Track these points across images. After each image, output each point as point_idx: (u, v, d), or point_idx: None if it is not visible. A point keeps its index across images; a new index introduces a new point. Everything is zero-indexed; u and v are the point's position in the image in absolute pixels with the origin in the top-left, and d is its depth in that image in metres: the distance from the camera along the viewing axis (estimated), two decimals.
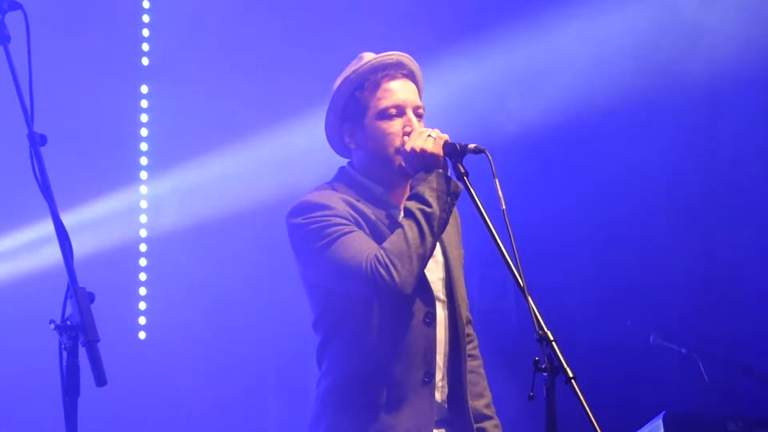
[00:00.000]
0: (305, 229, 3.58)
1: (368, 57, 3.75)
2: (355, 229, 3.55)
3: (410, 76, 3.76)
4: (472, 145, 3.42)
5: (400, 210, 3.66)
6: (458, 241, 3.85)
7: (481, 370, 3.89)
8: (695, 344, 6.40)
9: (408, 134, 3.64)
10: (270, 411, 6.77)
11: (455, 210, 3.81)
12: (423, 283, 3.59)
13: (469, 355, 3.83)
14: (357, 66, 3.74)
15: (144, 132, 6.87)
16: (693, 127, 7.12)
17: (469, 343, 3.85)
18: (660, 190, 7.20)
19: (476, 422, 3.78)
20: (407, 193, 3.67)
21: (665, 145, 7.14)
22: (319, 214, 3.57)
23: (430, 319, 3.61)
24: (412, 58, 3.80)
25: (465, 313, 3.80)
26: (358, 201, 3.66)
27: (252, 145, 6.74)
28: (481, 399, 3.83)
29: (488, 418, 3.83)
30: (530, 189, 7.09)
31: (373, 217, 3.62)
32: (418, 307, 3.59)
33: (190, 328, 6.67)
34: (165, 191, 6.83)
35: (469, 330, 3.89)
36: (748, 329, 6.91)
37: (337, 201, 3.61)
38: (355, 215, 3.60)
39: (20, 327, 6.01)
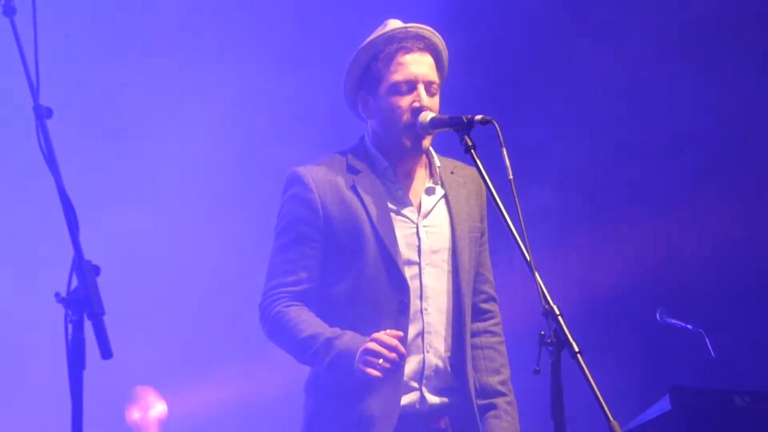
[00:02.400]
0: (279, 211, 3.78)
1: (392, 25, 3.74)
2: (301, 241, 3.68)
3: (429, 49, 3.73)
4: (479, 117, 3.39)
5: (401, 185, 3.73)
6: (476, 214, 3.85)
7: (501, 347, 3.92)
8: (701, 320, 6.39)
9: (415, 110, 3.64)
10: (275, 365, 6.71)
11: (479, 182, 3.84)
12: (397, 274, 3.65)
13: (489, 331, 3.91)
14: (375, 35, 3.73)
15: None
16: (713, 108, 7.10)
17: (489, 319, 3.92)
18: (671, 167, 7.18)
19: (489, 397, 3.84)
20: (414, 170, 3.76)
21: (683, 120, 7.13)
22: (290, 197, 3.73)
23: (404, 307, 3.65)
24: (434, 31, 3.76)
25: (470, 284, 3.82)
26: (358, 174, 3.72)
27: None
28: (497, 375, 3.86)
29: (502, 394, 3.86)
30: (539, 159, 7.09)
31: (361, 195, 3.67)
32: (391, 297, 3.64)
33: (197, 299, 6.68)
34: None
35: (491, 306, 3.94)
36: (755, 305, 6.91)
37: (323, 183, 3.69)
38: (331, 205, 3.68)
39: (25, 300, 6.01)
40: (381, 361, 3.44)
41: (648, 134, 7.15)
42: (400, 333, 3.51)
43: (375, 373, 3.45)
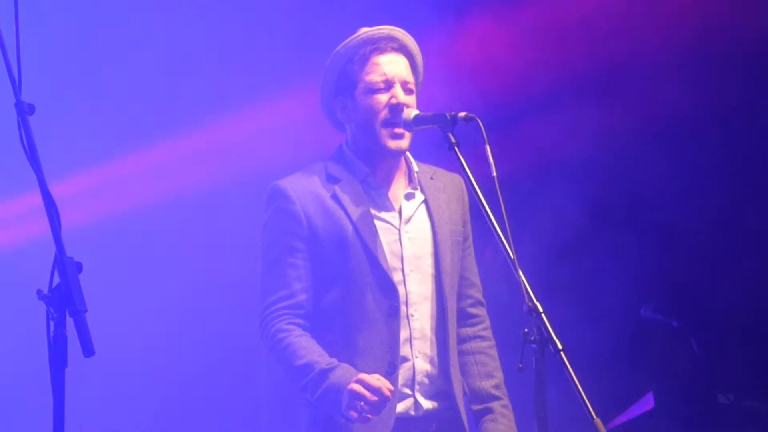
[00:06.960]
0: (264, 227, 3.79)
1: (363, 31, 3.76)
2: (289, 253, 3.70)
3: (402, 50, 3.77)
4: (462, 114, 3.40)
5: (382, 190, 3.76)
6: (457, 219, 3.87)
7: (492, 351, 3.94)
8: (685, 316, 6.40)
9: (393, 106, 3.66)
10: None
11: (460, 187, 3.87)
12: (385, 280, 3.68)
13: (478, 336, 3.93)
14: (348, 40, 3.75)
15: None
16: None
17: (478, 324, 3.94)
18: (655, 161, 7.19)
19: (484, 402, 3.87)
20: (393, 175, 3.79)
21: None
22: (273, 212, 3.74)
23: (394, 311, 3.68)
24: (406, 33, 3.80)
25: (454, 287, 3.84)
26: (338, 182, 3.74)
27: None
28: (490, 379, 3.88)
29: (496, 398, 3.87)
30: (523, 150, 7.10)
31: (343, 203, 3.70)
32: (381, 302, 3.67)
33: (178, 295, 6.64)
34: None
35: (479, 311, 3.96)
36: (738, 301, 6.93)
37: (304, 195, 3.72)
38: (314, 216, 3.70)
39: (7, 298, 5.99)
40: (362, 403, 3.46)
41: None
42: (390, 386, 3.50)
43: (354, 415, 3.48)
